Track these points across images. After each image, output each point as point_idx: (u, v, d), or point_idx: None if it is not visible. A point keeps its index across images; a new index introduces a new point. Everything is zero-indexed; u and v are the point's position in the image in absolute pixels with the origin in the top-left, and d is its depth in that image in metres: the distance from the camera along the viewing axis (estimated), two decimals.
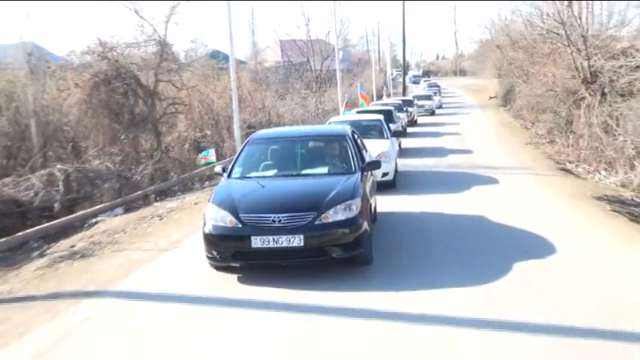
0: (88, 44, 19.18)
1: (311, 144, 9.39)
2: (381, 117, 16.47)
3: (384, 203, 11.08)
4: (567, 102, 21.08)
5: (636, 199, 12.61)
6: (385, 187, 12.77)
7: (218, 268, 7.53)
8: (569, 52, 20.14)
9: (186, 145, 22.15)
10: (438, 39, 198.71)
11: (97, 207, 13.81)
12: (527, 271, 7.14)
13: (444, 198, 12.20)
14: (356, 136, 9.64)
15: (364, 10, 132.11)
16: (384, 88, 62.18)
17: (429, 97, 44.27)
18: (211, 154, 17.35)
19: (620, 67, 16.81)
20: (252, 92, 31.52)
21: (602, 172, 16.68)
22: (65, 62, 20.05)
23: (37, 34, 69.46)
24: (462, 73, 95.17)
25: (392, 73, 76.28)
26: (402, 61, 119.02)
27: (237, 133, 17.94)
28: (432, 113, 41.45)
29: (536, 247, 8.24)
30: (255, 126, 25.56)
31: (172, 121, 22.42)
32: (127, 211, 14.06)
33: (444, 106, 48.57)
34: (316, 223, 6.99)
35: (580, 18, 19.60)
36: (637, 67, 15.86)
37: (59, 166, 14.96)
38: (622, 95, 18.02)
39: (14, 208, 13.27)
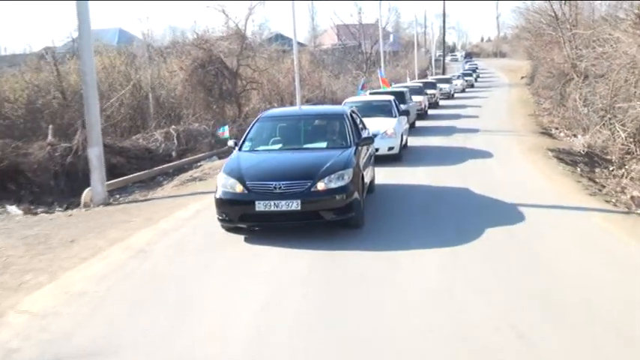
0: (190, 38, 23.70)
1: (313, 122, 9.84)
2: (391, 98, 16.80)
3: (388, 172, 12.12)
4: (561, 81, 24.45)
5: (581, 152, 16.16)
6: (392, 159, 13.63)
7: (228, 229, 7.84)
8: (562, 42, 23.46)
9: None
10: (483, 22, 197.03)
11: (199, 155, 18.25)
12: (470, 178, 11.07)
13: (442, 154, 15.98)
14: (354, 116, 9.92)
15: None
16: (429, 68, 65.25)
17: (447, 81, 41.41)
18: (226, 131, 17.74)
19: (596, 57, 20.02)
20: (310, 72, 35.40)
21: (579, 136, 20.16)
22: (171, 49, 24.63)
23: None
24: (502, 55, 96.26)
25: (437, 55, 78.66)
26: (449, 43, 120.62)
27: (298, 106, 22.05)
28: (450, 97, 37.86)
29: (486, 169, 12.48)
30: (313, 100, 29.70)
31: (249, 96, 26.71)
32: (220, 158, 18.41)
33: (477, 85, 51.61)
34: (312, 190, 7.33)
35: (570, 16, 22.84)
36: (602, 55, 18.97)
37: (173, 126, 19.53)
38: (600, 76, 21.32)
39: (146, 154, 17.89)
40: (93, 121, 11.86)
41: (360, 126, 9.98)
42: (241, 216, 7.57)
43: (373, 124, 13.09)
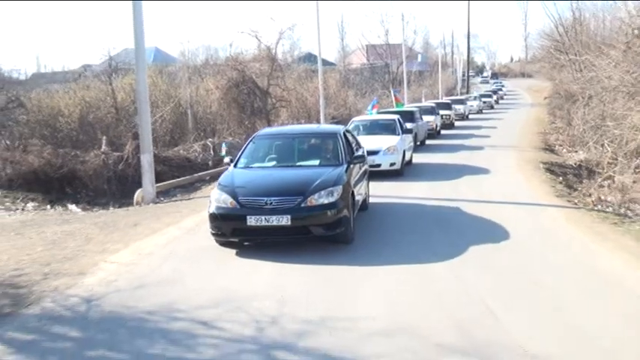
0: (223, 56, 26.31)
1: (307, 140, 9.91)
2: (395, 117, 17.30)
3: (389, 186, 13.18)
4: (568, 102, 26.32)
5: (574, 165, 18.04)
6: (394, 174, 14.54)
7: (222, 244, 8.15)
8: (569, 66, 25.38)
9: None
10: (512, 43, 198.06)
11: None
12: (463, 184, 13.14)
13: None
14: (348, 135, 10.22)
15: (446, 15, 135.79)
16: (455, 88, 67.29)
17: (462, 102, 40.61)
18: (224, 148, 18.78)
19: (588, 80, 21.82)
20: (337, 92, 37.79)
21: (580, 152, 22.00)
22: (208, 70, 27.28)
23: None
24: (529, 75, 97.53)
25: (464, 74, 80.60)
26: (478, 63, 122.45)
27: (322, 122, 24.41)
28: (465, 118, 37.95)
29: (480, 177, 14.51)
30: (338, 118, 32.00)
31: (278, 113, 29.13)
32: None
33: (499, 105, 53.22)
34: (302, 205, 7.55)
35: (575, 40, 24.77)
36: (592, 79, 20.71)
37: (209, 139, 21.98)
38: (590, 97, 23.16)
39: (186, 163, 20.34)
40: (145, 131, 14.22)
41: (355, 145, 10.32)
42: (233, 230, 7.81)
43: (377, 142, 14.50)
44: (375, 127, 16.47)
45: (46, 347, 5.14)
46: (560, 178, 14.86)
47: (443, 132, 27.86)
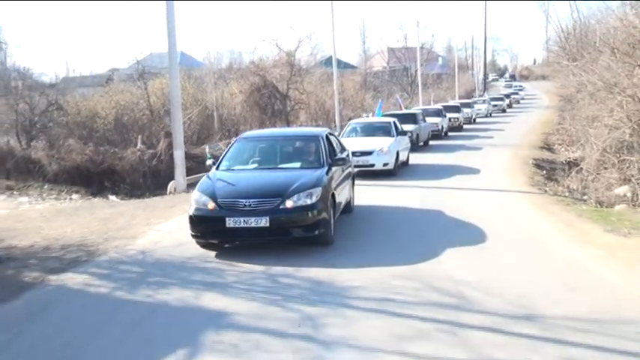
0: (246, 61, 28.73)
1: (289, 143, 9.92)
2: (391, 120, 17.98)
3: (383, 185, 14.08)
4: (569, 104, 28.06)
5: (564, 162, 19.86)
6: (387, 174, 15.24)
7: (203, 245, 8.22)
8: (568, 70, 27.11)
9: None
10: (535, 44, 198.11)
11: None
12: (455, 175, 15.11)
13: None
14: (331, 138, 10.28)
15: (468, 18, 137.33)
16: (476, 90, 68.97)
17: (469, 105, 39.66)
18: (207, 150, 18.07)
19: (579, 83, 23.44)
20: (354, 94, 39.95)
21: (577, 151, 23.77)
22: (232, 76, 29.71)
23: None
24: (549, 77, 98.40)
25: (487, 77, 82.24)
26: (500, 66, 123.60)
27: (338, 124, 26.51)
28: (472, 121, 37.38)
29: (469, 170, 16.36)
30: (354, 119, 34.05)
31: (297, 114, 31.38)
32: None
33: (515, 106, 54.73)
34: (281, 207, 7.61)
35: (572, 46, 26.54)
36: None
37: (234, 138, 24.21)
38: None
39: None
40: (177, 130, 16.43)
41: (338, 148, 10.43)
42: (212, 232, 7.94)
43: (372, 143, 15.43)
44: (372, 129, 17.20)
45: (118, 277, 7.33)
46: (544, 172, 16.74)
47: (450, 134, 29.18)
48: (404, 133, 17.67)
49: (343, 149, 10.82)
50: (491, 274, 6.83)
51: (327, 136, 9.86)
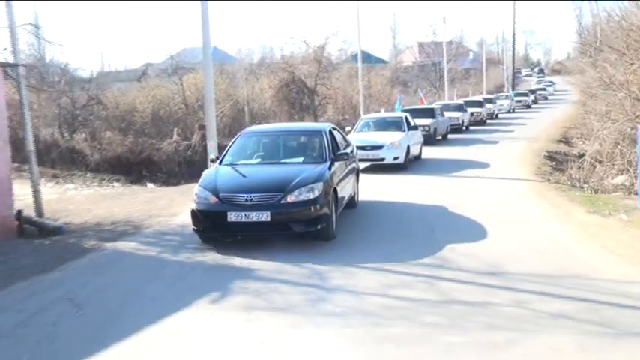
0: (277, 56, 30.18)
1: (292, 138, 10.07)
2: (403, 115, 18.51)
3: (388, 179, 14.60)
4: (590, 99, 28.87)
5: (577, 155, 20.79)
6: (398, 167, 15.72)
7: (204, 240, 8.35)
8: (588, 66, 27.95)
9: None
10: (568, 38, 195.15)
11: None
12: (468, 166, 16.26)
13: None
14: (335, 133, 10.29)
15: (501, 12, 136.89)
16: (505, 84, 69.35)
17: (491, 101, 39.16)
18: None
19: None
20: (382, 89, 40.97)
21: (594, 144, 24.65)
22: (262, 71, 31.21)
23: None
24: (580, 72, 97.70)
25: (520, 72, 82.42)
26: (533, 60, 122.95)
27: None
28: (494, 117, 37.69)
29: (483, 160, 17.46)
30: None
31: (324, 109, 32.74)
32: None
33: (541, 102, 54.95)
34: (282, 202, 7.69)
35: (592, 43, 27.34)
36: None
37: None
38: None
39: None
40: (210, 123, 17.76)
41: (343, 143, 10.50)
42: (214, 226, 8.01)
43: (383, 137, 15.98)
44: (384, 124, 17.65)
45: (162, 244, 8.81)
46: (554, 163, 17.77)
47: (472, 128, 30.09)
48: (415, 127, 17.99)
49: (348, 144, 10.98)
50: (476, 243, 8.10)
51: (330, 131, 9.93)
